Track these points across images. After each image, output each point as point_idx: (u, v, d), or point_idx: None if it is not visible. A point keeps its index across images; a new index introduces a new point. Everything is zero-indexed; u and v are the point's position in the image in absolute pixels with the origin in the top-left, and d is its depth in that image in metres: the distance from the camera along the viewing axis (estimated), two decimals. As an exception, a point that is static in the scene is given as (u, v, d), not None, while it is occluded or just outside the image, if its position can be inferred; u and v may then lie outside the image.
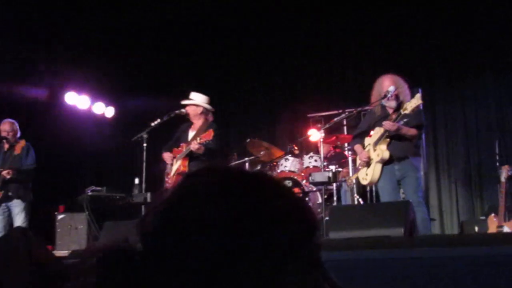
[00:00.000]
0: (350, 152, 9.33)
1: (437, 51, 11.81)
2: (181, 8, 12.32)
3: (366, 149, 7.76)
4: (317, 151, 9.89)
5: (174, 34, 13.09)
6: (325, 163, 9.01)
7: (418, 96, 7.25)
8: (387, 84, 7.68)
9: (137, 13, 12.39)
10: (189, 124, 9.05)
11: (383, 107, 7.76)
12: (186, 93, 9.13)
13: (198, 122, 8.93)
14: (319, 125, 10.11)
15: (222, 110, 12.77)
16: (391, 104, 7.68)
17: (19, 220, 9.27)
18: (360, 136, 8.01)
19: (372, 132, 7.78)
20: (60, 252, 9.46)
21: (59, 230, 10.49)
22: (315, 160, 9.61)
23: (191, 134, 8.92)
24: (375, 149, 7.59)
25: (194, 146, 8.38)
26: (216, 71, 13.55)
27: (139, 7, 12.21)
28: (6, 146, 9.53)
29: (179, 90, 10.29)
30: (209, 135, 8.27)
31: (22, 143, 9.39)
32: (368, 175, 7.67)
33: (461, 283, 4.71)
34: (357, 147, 7.95)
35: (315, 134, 9.82)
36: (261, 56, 13.21)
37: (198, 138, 8.35)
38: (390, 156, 7.49)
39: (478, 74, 11.53)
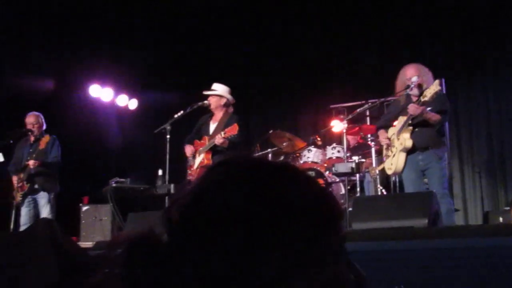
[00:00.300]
0: (373, 143, 9.29)
1: (460, 40, 11.72)
2: (203, 0, 12.35)
3: (391, 138, 7.73)
4: (340, 142, 9.87)
5: (197, 25, 13.11)
6: (348, 154, 8.98)
7: (437, 82, 7.25)
8: (410, 73, 7.65)
9: (160, 6, 12.43)
10: (210, 115, 9.03)
11: (408, 97, 7.73)
12: (208, 84, 9.12)
13: (219, 114, 8.91)
14: (342, 116, 10.11)
15: (244, 101, 12.78)
16: (414, 92, 7.65)
17: (45, 211, 9.33)
18: (384, 126, 7.99)
19: (395, 122, 7.75)
20: (84, 244, 9.52)
21: (83, 221, 10.57)
22: (338, 151, 9.59)
23: (212, 126, 8.91)
24: (398, 138, 7.56)
25: (218, 140, 8.35)
26: (239, 62, 13.54)
27: (162, 0, 12.25)
28: (32, 139, 9.61)
29: (201, 81, 10.29)
30: (234, 129, 8.23)
31: (47, 138, 9.44)
32: (393, 165, 7.66)
33: (485, 273, 4.69)
34: (381, 132, 7.96)
35: (338, 125, 9.81)
36: (284, 46, 13.19)
37: (222, 132, 8.31)
38: (413, 145, 7.46)
39: (502, 63, 11.43)
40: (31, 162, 9.25)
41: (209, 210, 1.10)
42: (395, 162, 7.61)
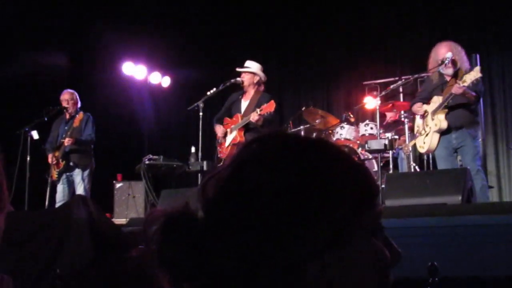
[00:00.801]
0: (407, 120, 9.24)
1: (494, 16, 11.56)
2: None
3: (425, 116, 7.69)
4: (373, 119, 9.82)
5: (230, 3, 13.10)
6: (381, 131, 8.94)
7: (478, 69, 7.14)
8: (444, 51, 7.60)
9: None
10: (241, 93, 9.01)
11: (441, 75, 7.69)
12: (241, 62, 9.10)
13: (251, 91, 8.88)
14: (375, 93, 10.06)
15: (277, 78, 12.79)
16: (448, 71, 7.61)
17: (80, 189, 9.43)
18: (418, 100, 7.95)
19: (431, 101, 7.70)
20: (118, 220, 9.64)
21: (117, 198, 10.69)
22: (371, 128, 9.54)
23: (244, 103, 8.88)
24: (433, 118, 7.53)
25: (254, 117, 8.34)
26: (272, 39, 13.52)
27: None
28: (67, 116, 9.70)
29: (234, 59, 10.31)
30: (271, 106, 8.20)
31: (81, 115, 9.53)
32: (425, 144, 7.64)
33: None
34: (415, 106, 7.91)
35: (371, 102, 9.75)
36: (316, 23, 13.12)
37: (258, 110, 8.29)
38: (448, 125, 7.42)
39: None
40: (66, 140, 9.33)
41: (246, 186, 1.10)
42: (428, 141, 7.60)
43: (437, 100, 7.56)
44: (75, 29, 12.08)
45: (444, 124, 7.43)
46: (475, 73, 7.10)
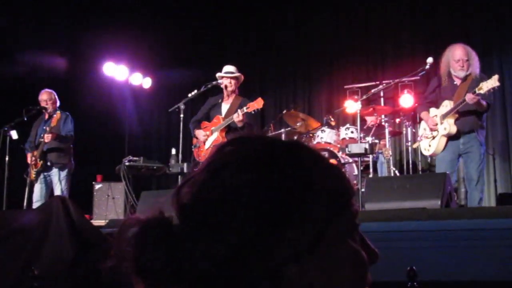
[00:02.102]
0: (387, 124, 9.29)
1: (475, 22, 11.63)
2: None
3: (433, 119, 7.70)
4: (353, 123, 9.86)
5: (211, 6, 13.10)
6: (362, 135, 8.97)
7: (496, 77, 7.05)
8: (459, 53, 7.59)
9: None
10: (220, 96, 9.01)
11: (450, 76, 7.69)
12: (220, 63, 9.12)
13: (231, 95, 8.91)
14: (356, 97, 10.09)
15: (259, 81, 12.81)
16: (459, 74, 7.59)
17: (58, 189, 9.39)
18: (426, 104, 7.96)
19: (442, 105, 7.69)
20: (97, 222, 9.59)
21: (96, 199, 10.64)
22: (352, 132, 9.57)
23: (225, 106, 8.89)
24: (442, 122, 7.54)
25: (238, 117, 8.31)
26: (253, 42, 13.54)
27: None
28: (46, 116, 9.66)
29: (214, 61, 10.32)
30: (259, 103, 8.27)
31: (58, 115, 9.49)
32: (431, 147, 7.66)
33: (498, 254, 4.70)
34: (424, 114, 7.89)
35: (352, 106, 9.78)
36: (298, 26, 13.15)
37: (245, 108, 8.33)
38: (457, 131, 7.46)
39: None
40: (45, 136, 9.28)
41: (222, 190, 1.09)
42: (434, 144, 7.61)
43: (447, 104, 7.55)
44: (57, 29, 12.02)
45: (453, 129, 7.44)
46: (493, 82, 7.03)
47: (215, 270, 1.08)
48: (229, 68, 8.94)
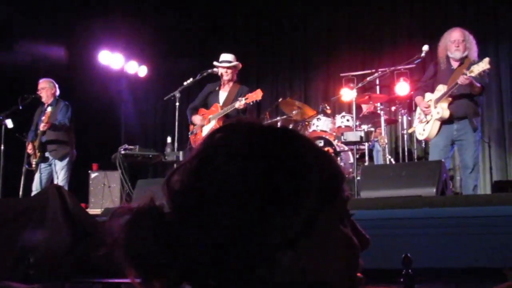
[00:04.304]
0: (383, 112, 9.31)
1: (472, 13, 11.63)
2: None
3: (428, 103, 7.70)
4: (349, 111, 9.86)
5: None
6: (357, 123, 8.97)
7: (487, 60, 7.11)
8: (455, 34, 7.65)
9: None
10: (218, 84, 8.99)
11: (448, 60, 7.70)
12: (217, 51, 9.12)
13: (229, 83, 8.90)
14: (351, 85, 10.07)
15: (255, 69, 12.80)
16: (456, 55, 7.62)
17: (58, 178, 9.42)
18: (422, 88, 7.99)
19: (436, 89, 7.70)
20: (93, 210, 9.60)
21: (92, 188, 10.63)
22: (347, 120, 9.56)
23: (222, 94, 8.89)
24: (435, 106, 7.55)
25: (240, 105, 8.36)
26: (250, 30, 13.51)
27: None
28: (45, 105, 9.65)
29: (211, 49, 10.31)
30: (258, 94, 8.27)
31: (59, 104, 9.50)
32: (425, 131, 7.67)
33: (492, 240, 4.72)
34: (418, 98, 7.92)
35: (347, 94, 9.77)
36: (293, 15, 13.14)
37: (243, 99, 8.32)
38: (450, 115, 7.45)
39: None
40: (41, 125, 9.29)
41: (213, 177, 1.09)
42: (428, 129, 7.61)
43: (441, 89, 7.56)
44: (53, 18, 11.99)
45: (446, 113, 7.44)
46: (484, 64, 7.08)
47: (207, 257, 1.08)
48: (226, 56, 8.91)
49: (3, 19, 11.31)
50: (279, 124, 9.55)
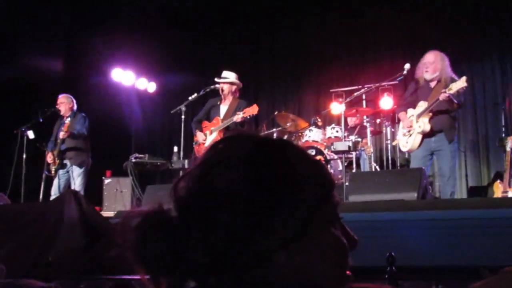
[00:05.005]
0: (369, 124, 9.33)
1: (453, 31, 11.64)
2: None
3: (410, 119, 7.73)
4: (338, 123, 9.90)
5: (208, 17, 13.10)
6: (346, 134, 8.99)
7: (464, 79, 7.15)
8: (425, 57, 7.73)
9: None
10: (219, 99, 9.05)
11: (426, 80, 7.76)
12: (219, 69, 9.17)
13: (229, 98, 8.95)
14: (340, 99, 10.09)
15: (253, 84, 12.83)
16: (426, 76, 7.67)
17: (75, 184, 9.46)
18: (405, 104, 8.01)
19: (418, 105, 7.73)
20: (107, 213, 9.61)
21: (106, 193, 10.65)
22: (337, 131, 9.59)
23: (223, 108, 8.95)
24: (417, 120, 7.57)
25: (238, 118, 8.38)
26: (249, 49, 13.53)
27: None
28: (64, 118, 9.69)
29: (214, 67, 10.33)
30: (255, 109, 8.32)
31: (68, 123, 9.50)
32: (408, 143, 7.70)
33: (469, 241, 4.71)
34: (401, 114, 7.95)
35: (336, 107, 9.77)
36: (288, 37, 13.18)
37: (241, 113, 8.36)
38: (431, 129, 7.48)
39: (485, 53, 11.38)
40: (61, 134, 9.39)
41: (215, 184, 1.09)
42: (411, 141, 7.64)
43: (423, 105, 7.59)
44: (69, 36, 12.02)
45: (427, 127, 7.46)
46: (461, 83, 7.13)
47: (208, 258, 1.07)
48: (226, 74, 9.02)
49: (15, 35, 11.32)
50: (275, 135, 9.58)
